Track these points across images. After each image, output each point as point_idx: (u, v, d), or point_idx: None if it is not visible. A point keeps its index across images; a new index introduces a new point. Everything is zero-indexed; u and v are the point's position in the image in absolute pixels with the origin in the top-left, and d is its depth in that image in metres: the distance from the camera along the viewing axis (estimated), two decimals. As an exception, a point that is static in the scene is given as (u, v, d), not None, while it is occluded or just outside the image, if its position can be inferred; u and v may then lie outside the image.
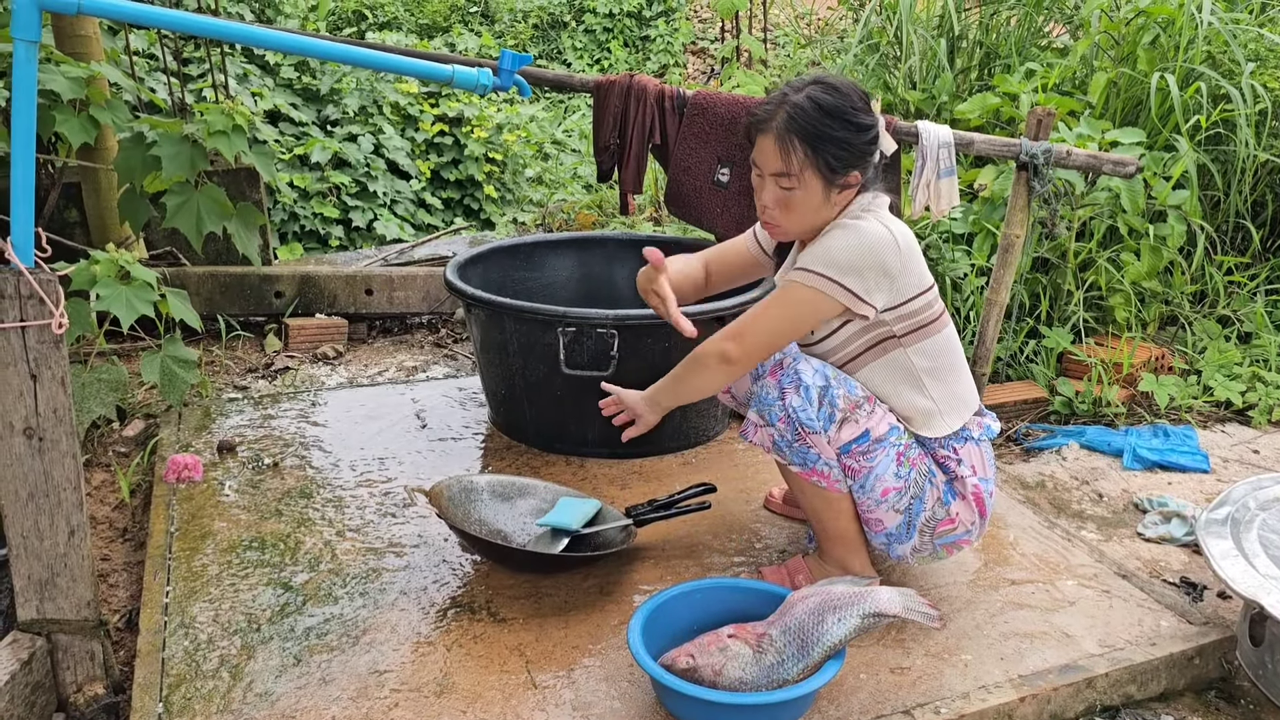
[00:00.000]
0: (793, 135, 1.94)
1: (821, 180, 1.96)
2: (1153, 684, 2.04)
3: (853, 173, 1.97)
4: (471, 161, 6.39)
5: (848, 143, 1.94)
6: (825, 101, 1.94)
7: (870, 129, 1.97)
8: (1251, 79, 3.64)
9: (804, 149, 1.94)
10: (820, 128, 1.94)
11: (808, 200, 1.99)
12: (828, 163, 1.95)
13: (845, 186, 1.99)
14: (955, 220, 3.81)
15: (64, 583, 1.89)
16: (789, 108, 1.95)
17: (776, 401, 2.01)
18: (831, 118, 1.94)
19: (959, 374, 2.10)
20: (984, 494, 2.07)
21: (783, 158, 1.96)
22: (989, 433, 2.13)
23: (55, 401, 1.77)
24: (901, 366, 2.03)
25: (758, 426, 2.08)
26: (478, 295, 2.75)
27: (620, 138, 3.16)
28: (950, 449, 2.05)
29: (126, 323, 2.67)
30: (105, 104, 3.01)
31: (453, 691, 1.88)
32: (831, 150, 1.94)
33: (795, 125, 1.94)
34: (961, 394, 2.09)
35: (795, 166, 1.96)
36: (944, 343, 2.06)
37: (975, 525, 2.08)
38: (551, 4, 9.76)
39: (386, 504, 2.57)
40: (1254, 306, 3.78)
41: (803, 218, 2.02)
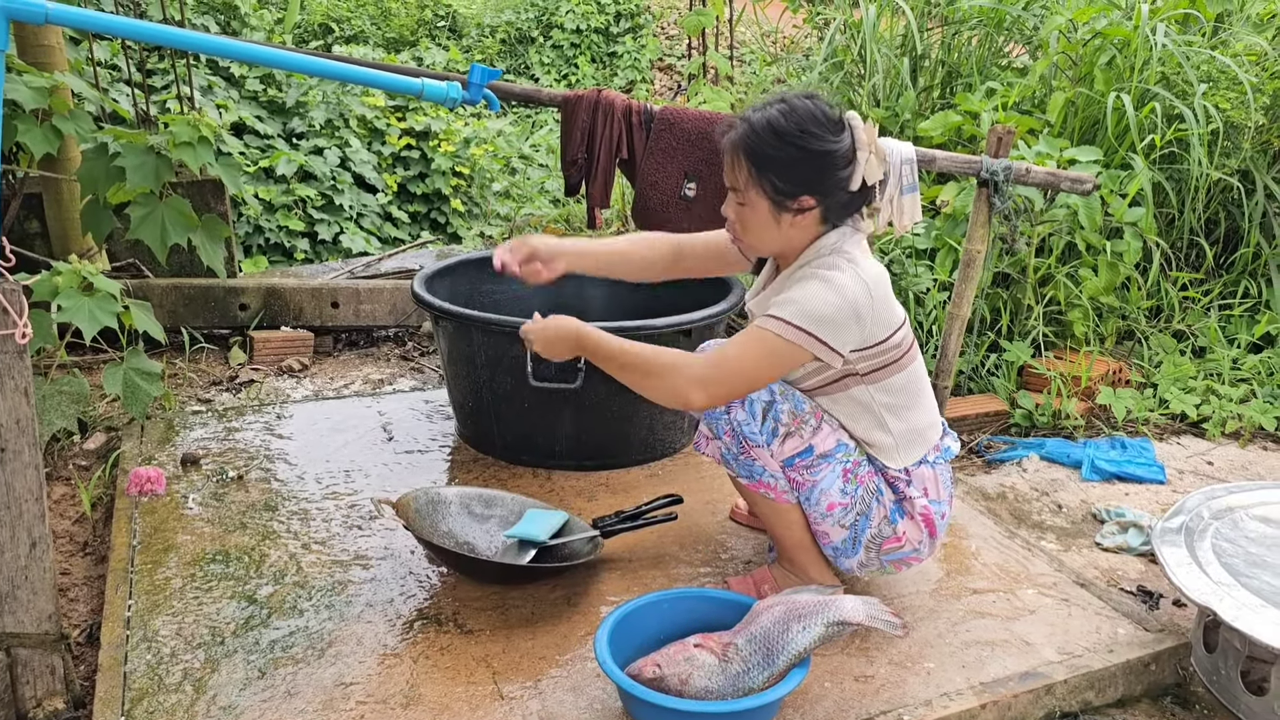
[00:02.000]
0: (740, 152, 1.94)
1: (767, 200, 1.94)
2: (1110, 690, 2.07)
3: (804, 197, 1.93)
4: (439, 175, 6.38)
5: (794, 166, 1.91)
6: (778, 123, 1.91)
7: (830, 154, 1.91)
8: (1204, 100, 3.74)
9: (749, 167, 1.93)
10: (766, 148, 1.91)
11: (755, 219, 1.97)
12: (772, 184, 1.92)
13: (798, 210, 1.94)
14: (918, 236, 3.87)
15: (24, 596, 1.86)
16: (745, 125, 1.95)
17: (723, 415, 2.04)
18: (780, 139, 1.91)
19: (921, 407, 2.09)
20: (934, 515, 2.09)
21: (733, 173, 1.97)
22: (947, 454, 2.15)
23: (18, 412, 1.76)
24: (861, 402, 2.03)
25: (707, 439, 2.12)
26: (445, 308, 2.76)
27: (588, 152, 3.18)
28: (902, 471, 2.08)
29: (89, 334, 2.64)
30: (68, 114, 2.98)
31: (419, 703, 1.87)
32: (776, 171, 1.91)
33: (745, 143, 1.94)
34: (921, 428, 2.09)
35: (741, 183, 1.96)
36: (907, 379, 2.05)
37: (924, 544, 2.11)
38: (519, 19, 9.79)
39: (353, 517, 2.56)
40: (1208, 321, 3.87)
41: (757, 236, 2.01)
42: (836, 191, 1.94)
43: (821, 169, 1.92)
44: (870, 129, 1.94)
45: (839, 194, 1.95)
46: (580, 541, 2.34)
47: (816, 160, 1.91)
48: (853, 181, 1.94)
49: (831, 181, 1.93)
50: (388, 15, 9.71)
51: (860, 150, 1.93)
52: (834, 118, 1.94)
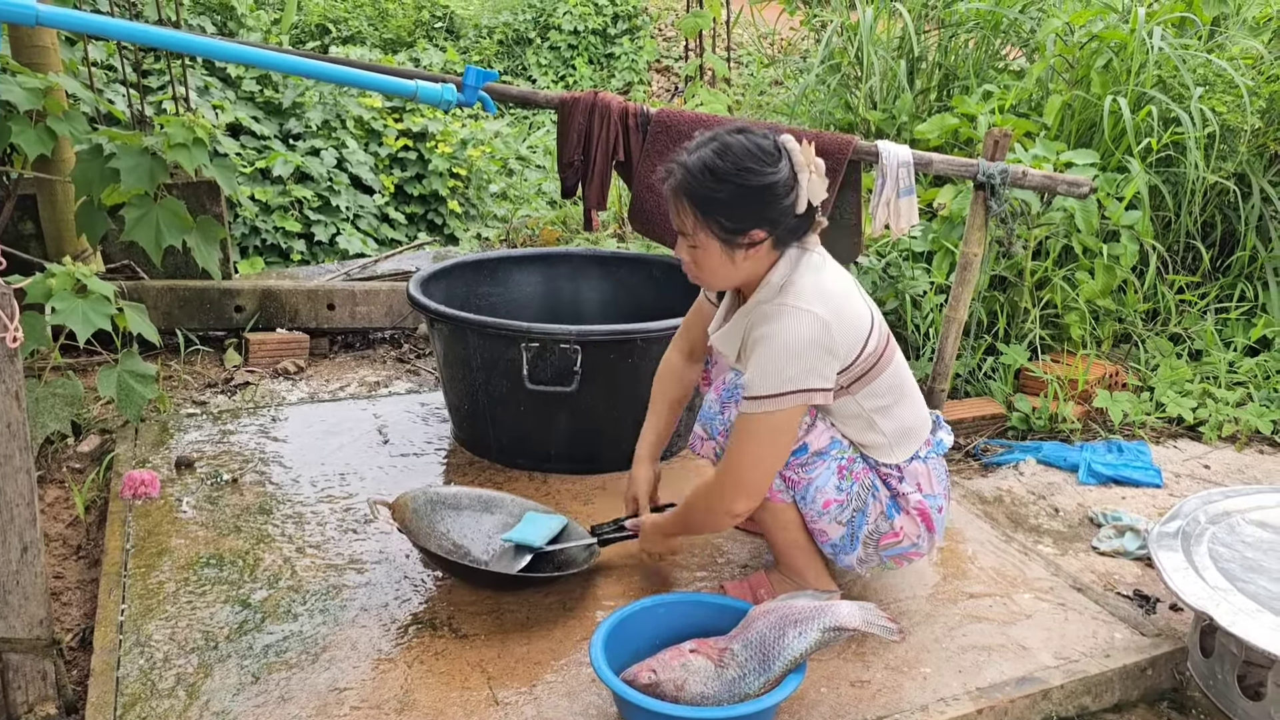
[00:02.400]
0: (683, 198, 1.93)
1: (717, 241, 1.92)
2: (1107, 695, 2.07)
3: (753, 231, 1.91)
4: (435, 177, 6.37)
5: (737, 204, 1.89)
6: (714, 164, 1.89)
7: (772, 186, 1.89)
8: (1200, 103, 3.74)
9: (694, 211, 1.92)
10: (707, 191, 1.89)
11: (709, 259, 1.96)
12: (720, 224, 1.90)
13: (749, 245, 1.92)
14: (915, 238, 3.86)
15: (16, 601, 1.85)
16: (680, 170, 1.93)
17: (718, 415, 2.05)
18: (719, 180, 1.88)
19: (908, 403, 2.09)
20: (929, 509, 2.09)
21: (679, 218, 1.96)
22: (940, 448, 2.15)
23: (9, 416, 1.75)
24: (851, 411, 2.03)
25: (702, 440, 2.13)
26: (441, 310, 2.75)
27: (584, 154, 3.17)
28: (894, 468, 2.07)
29: (83, 337, 2.63)
30: (63, 115, 2.98)
31: (414, 709, 1.87)
32: (721, 212, 1.90)
33: (685, 188, 1.92)
34: (912, 424, 2.09)
35: (690, 228, 1.94)
36: (890, 379, 2.05)
37: (922, 539, 2.10)
38: (517, 20, 9.79)
39: (347, 520, 2.55)
40: (1204, 324, 3.86)
41: (715, 275, 2.00)
42: (783, 218, 1.92)
43: (765, 201, 1.90)
44: (806, 149, 1.92)
45: (786, 220, 1.93)
46: (577, 549, 2.33)
47: (759, 194, 1.89)
48: (798, 205, 1.92)
49: (777, 211, 1.91)
50: (385, 16, 9.70)
51: (800, 173, 1.91)
52: (768, 148, 1.91)
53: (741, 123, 1.99)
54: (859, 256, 3.12)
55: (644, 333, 2.65)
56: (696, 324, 2.34)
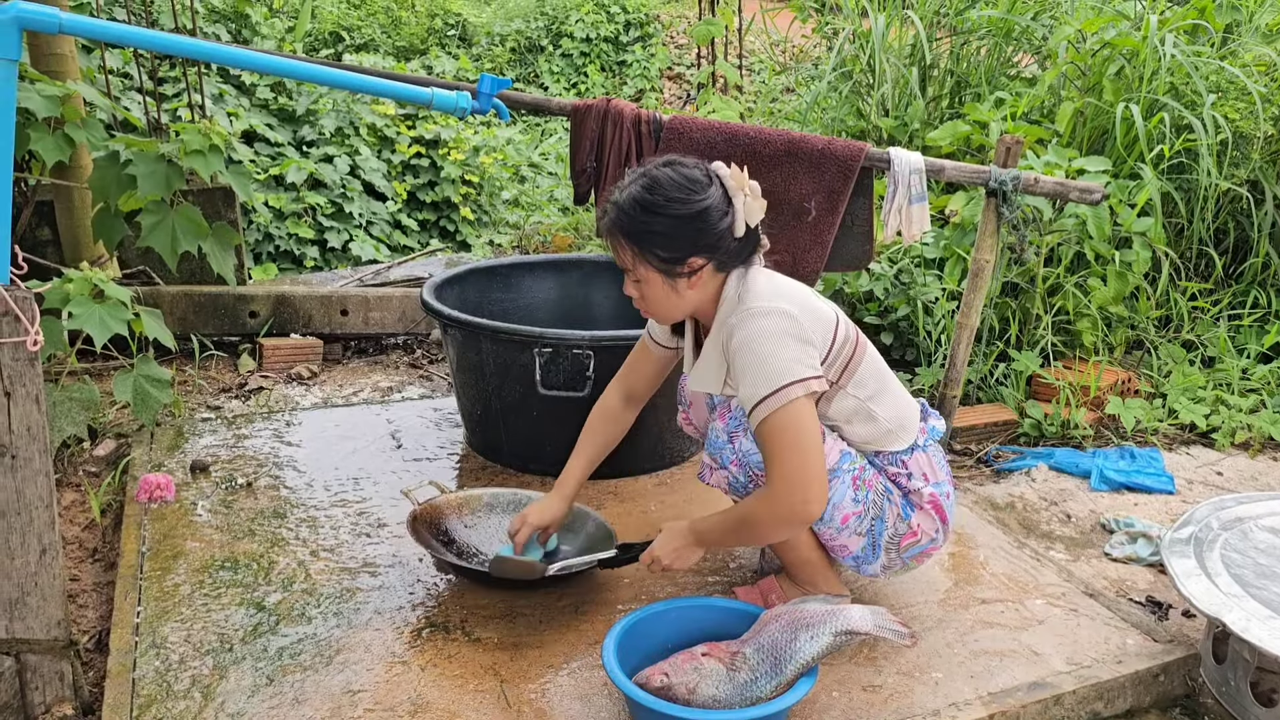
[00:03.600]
0: (618, 235, 1.94)
1: (658, 273, 1.94)
2: (1119, 701, 2.07)
3: (691, 259, 1.92)
4: (448, 183, 6.40)
5: (672, 234, 1.90)
6: (643, 198, 1.91)
7: (703, 213, 1.90)
8: (1213, 110, 3.73)
9: (631, 247, 1.94)
10: (640, 225, 1.91)
11: (653, 293, 1.97)
12: (657, 256, 1.91)
13: (690, 273, 1.93)
14: (927, 245, 3.87)
15: (34, 602, 1.87)
16: (613, 208, 1.95)
17: (727, 445, 2.03)
18: (650, 213, 1.90)
19: (894, 386, 2.12)
20: (940, 499, 2.09)
21: (619, 256, 1.97)
22: (934, 434, 2.16)
23: (29, 419, 1.77)
24: (850, 408, 2.03)
25: (711, 469, 2.10)
26: (454, 316, 2.76)
27: (597, 161, 3.19)
28: (899, 463, 2.08)
29: (100, 341, 2.66)
30: (80, 122, 3.01)
31: (427, 710, 1.88)
32: (657, 244, 1.91)
33: (619, 225, 1.93)
34: (905, 405, 2.11)
35: (630, 263, 1.96)
36: (872, 364, 2.06)
37: (939, 532, 2.11)
38: (529, 28, 9.83)
39: (361, 524, 2.56)
40: (1217, 331, 3.85)
41: (662, 307, 2.00)
42: (721, 243, 1.93)
43: (699, 229, 1.91)
44: (737, 173, 1.93)
45: (725, 244, 1.93)
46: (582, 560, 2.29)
47: (691, 222, 1.90)
48: (736, 229, 1.93)
49: (713, 236, 1.92)
50: (398, 24, 9.75)
51: (734, 196, 1.92)
52: (696, 177, 1.92)
53: (670, 156, 1.99)
54: (870, 263, 3.12)
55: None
56: (637, 369, 2.32)
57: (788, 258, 2.98)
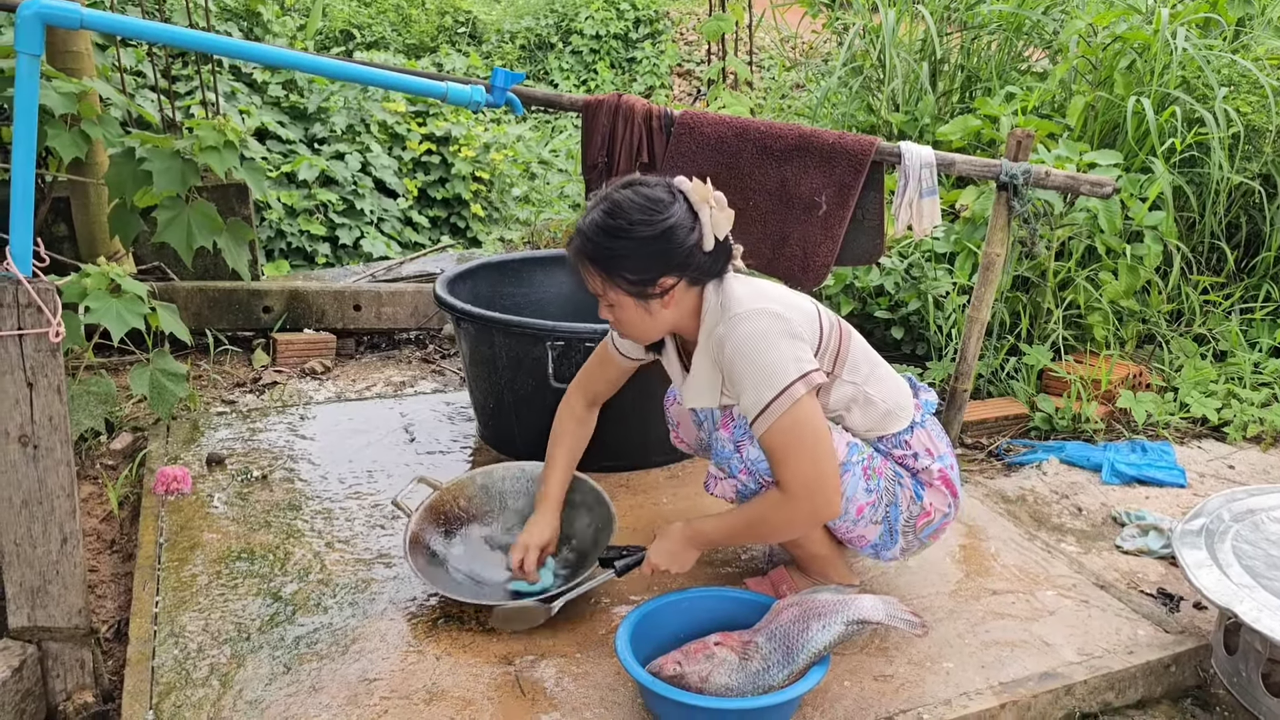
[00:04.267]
0: (585, 261, 1.93)
1: (629, 296, 1.92)
2: (1130, 691, 2.07)
3: (661, 280, 1.90)
4: (459, 180, 6.42)
5: (638, 256, 1.88)
6: (606, 223, 1.89)
7: (667, 231, 1.87)
8: (1224, 104, 3.73)
9: (599, 272, 1.92)
10: (603, 250, 1.89)
11: (627, 315, 1.96)
12: (626, 279, 1.90)
13: (661, 293, 1.91)
14: (937, 239, 3.87)
15: (56, 590, 1.90)
16: (578, 235, 1.94)
17: (734, 454, 2.01)
18: (613, 236, 1.88)
19: (883, 365, 2.11)
20: (948, 472, 2.10)
21: (589, 281, 1.96)
22: (929, 408, 2.16)
23: (51, 409, 1.79)
24: (848, 395, 2.03)
25: (718, 479, 2.08)
26: (467, 310, 2.78)
27: (609, 156, 3.20)
28: (903, 444, 2.09)
29: (117, 335, 2.68)
30: (96, 119, 3.03)
31: (442, 699, 1.90)
32: (625, 266, 1.89)
33: (585, 251, 1.92)
34: (897, 383, 2.12)
35: (600, 288, 1.95)
36: (859, 348, 2.06)
37: (951, 506, 2.12)
38: (539, 25, 9.85)
39: (375, 516, 2.58)
40: (1229, 325, 3.85)
41: (638, 329, 1.99)
42: (691, 259, 1.91)
43: (665, 249, 1.88)
44: (700, 186, 1.92)
45: (695, 259, 1.91)
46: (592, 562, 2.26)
47: (655, 243, 1.88)
48: (705, 242, 1.91)
49: (681, 254, 1.89)
50: (408, 21, 9.78)
51: (700, 210, 1.91)
52: (657, 196, 1.90)
53: (631, 177, 1.97)
54: (881, 257, 3.13)
55: (668, 331, 2.67)
56: (600, 374, 2.32)
57: (798, 252, 3.00)
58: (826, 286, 3.94)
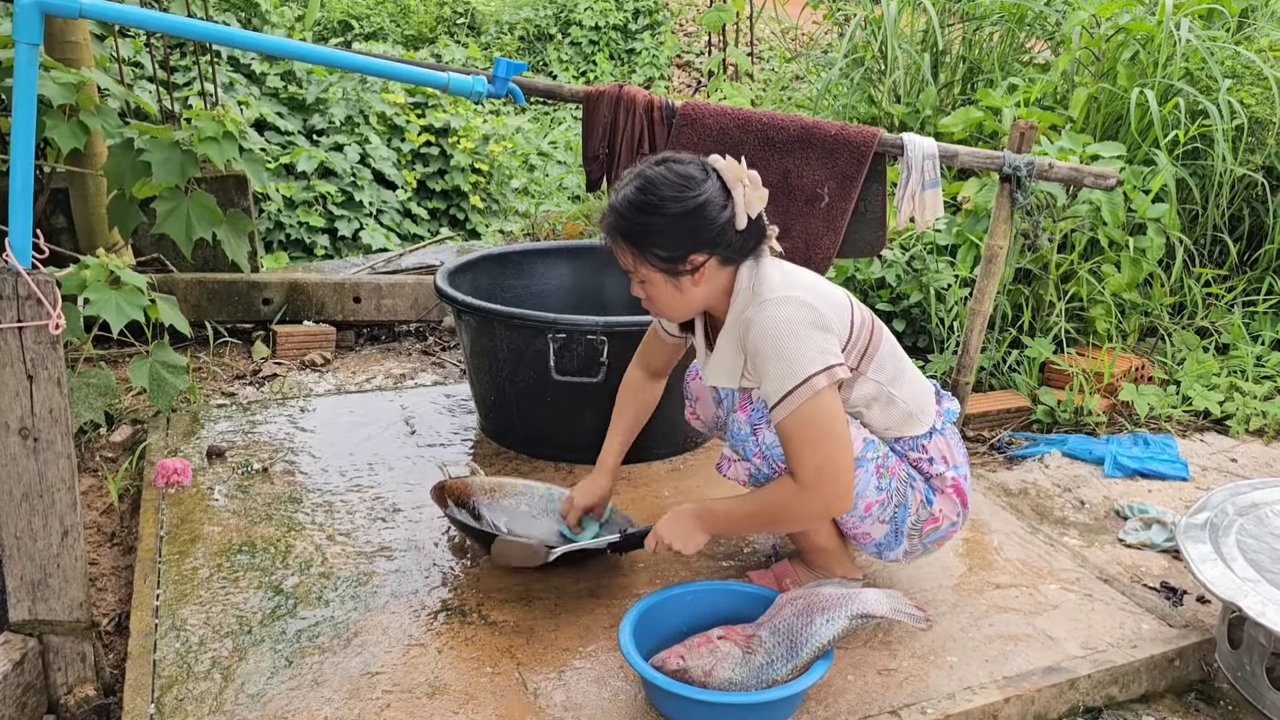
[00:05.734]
0: (617, 237, 1.93)
1: (660, 273, 1.92)
2: (1134, 685, 2.07)
3: (692, 257, 1.90)
4: (458, 172, 6.40)
5: (669, 232, 1.88)
6: (638, 199, 1.89)
7: (699, 208, 1.87)
8: (1228, 95, 3.71)
9: (630, 249, 1.92)
10: (635, 226, 1.90)
11: (658, 292, 1.96)
12: (657, 255, 1.90)
13: (692, 270, 1.91)
14: (939, 232, 3.86)
15: (56, 583, 1.89)
16: (610, 212, 1.94)
17: (749, 438, 2.01)
18: (645, 212, 1.88)
19: (910, 367, 2.11)
20: (961, 482, 2.10)
21: (621, 257, 1.96)
22: (950, 416, 2.16)
23: (51, 402, 1.78)
24: (870, 393, 2.03)
25: (732, 461, 2.08)
26: (469, 302, 2.77)
27: (610, 148, 3.19)
28: (920, 448, 2.08)
29: (117, 327, 2.67)
30: (95, 110, 3.02)
31: (444, 693, 1.89)
32: (656, 242, 1.89)
33: (618, 228, 1.92)
34: (922, 388, 2.11)
35: (631, 264, 1.95)
36: (889, 347, 2.06)
37: (959, 515, 2.12)
38: (538, 16, 9.81)
39: (376, 509, 2.58)
40: (1231, 318, 3.84)
41: (669, 306, 1.99)
42: (723, 237, 1.90)
43: (695, 226, 1.88)
44: (734, 165, 1.91)
45: (727, 237, 1.91)
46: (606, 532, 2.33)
47: (687, 219, 1.88)
48: (737, 220, 1.90)
49: (713, 230, 1.89)
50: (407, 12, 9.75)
51: (733, 189, 1.91)
52: (690, 173, 1.90)
53: (665, 154, 1.97)
54: (883, 250, 3.12)
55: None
56: (652, 351, 2.35)
57: (800, 244, 2.98)
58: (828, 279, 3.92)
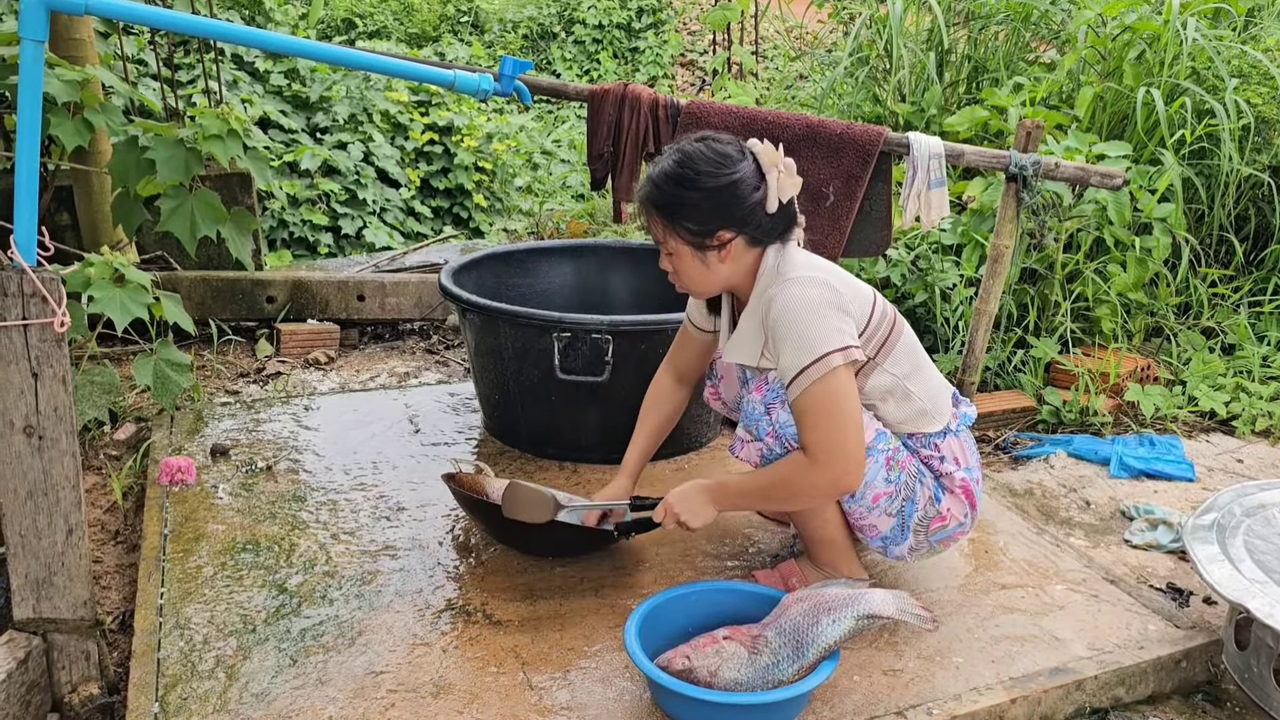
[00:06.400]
0: (651, 208, 1.99)
1: (688, 246, 1.98)
2: (1141, 687, 2.06)
3: (720, 233, 1.95)
4: (461, 170, 6.39)
5: (700, 206, 1.94)
6: (674, 171, 1.95)
7: (732, 185, 1.93)
8: (1235, 94, 3.70)
9: (662, 219, 1.99)
10: (669, 197, 1.96)
11: (685, 265, 2.01)
12: (686, 229, 1.96)
13: (719, 246, 1.96)
14: (945, 231, 3.85)
15: (61, 582, 1.89)
16: (648, 182, 1.99)
17: (763, 417, 2.01)
18: (680, 185, 1.94)
19: (928, 365, 2.13)
20: (971, 484, 2.09)
21: (653, 228, 2.02)
22: (966, 420, 2.16)
23: (56, 400, 1.78)
24: (884, 384, 2.03)
25: (744, 442, 2.08)
26: (473, 300, 2.76)
27: (614, 146, 3.18)
28: (932, 446, 2.08)
29: (121, 325, 2.67)
30: (99, 107, 3.01)
31: (449, 692, 1.88)
32: (687, 215, 1.95)
33: (652, 198, 1.99)
34: (939, 384, 2.12)
35: (661, 236, 2.01)
36: (908, 341, 2.08)
37: (967, 517, 2.11)
38: (541, 14, 9.80)
39: (380, 508, 2.57)
40: (1237, 318, 3.83)
41: (694, 280, 2.04)
42: (753, 217, 1.96)
43: (727, 202, 1.94)
44: (771, 150, 1.96)
45: (756, 218, 1.96)
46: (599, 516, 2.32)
47: (719, 195, 1.93)
48: (768, 203, 1.95)
49: (743, 210, 1.95)
50: (410, 11, 9.74)
51: (768, 172, 1.95)
52: (727, 152, 1.96)
53: (705, 132, 2.02)
54: (888, 249, 3.11)
55: (675, 323, 2.65)
56: (682, 352, 2.38)
57: (805, 243, 2.97)
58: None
